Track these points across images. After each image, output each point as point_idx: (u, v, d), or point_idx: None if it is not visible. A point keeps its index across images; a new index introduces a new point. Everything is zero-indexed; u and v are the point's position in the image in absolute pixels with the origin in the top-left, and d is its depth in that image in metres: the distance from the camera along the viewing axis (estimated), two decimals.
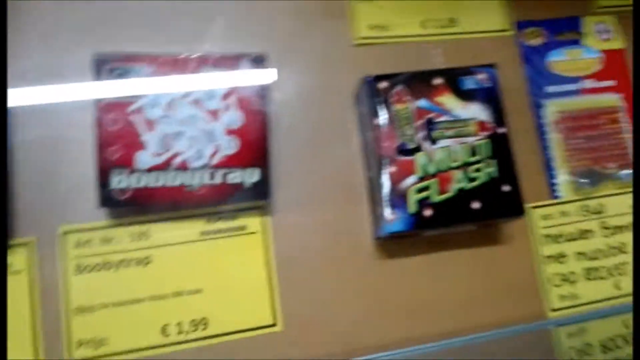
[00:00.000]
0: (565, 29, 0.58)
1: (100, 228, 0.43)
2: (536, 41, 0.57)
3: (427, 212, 0.43)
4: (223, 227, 0.45)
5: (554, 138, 0.54)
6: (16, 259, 0.41)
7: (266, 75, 0.44)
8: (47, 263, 0.42)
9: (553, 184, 0.52)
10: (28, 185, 0.43)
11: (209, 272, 0.44)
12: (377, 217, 0.46)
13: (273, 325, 0.44)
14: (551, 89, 0.56)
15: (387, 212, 0.43)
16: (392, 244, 0.47)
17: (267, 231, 0.46)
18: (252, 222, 0.46)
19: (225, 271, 0.44)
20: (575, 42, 0.57)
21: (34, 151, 0.43)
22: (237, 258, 0.45)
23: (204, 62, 0.43)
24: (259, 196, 0.43)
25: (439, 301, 0.47)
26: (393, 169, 0.44)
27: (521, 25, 0.57)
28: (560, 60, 0.57)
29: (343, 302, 0.46)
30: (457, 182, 0.44)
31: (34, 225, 0.42)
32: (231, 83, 0.43)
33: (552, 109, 0.55)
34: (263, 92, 0.44)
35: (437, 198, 0.44)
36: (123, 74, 0.41)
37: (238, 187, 0.43)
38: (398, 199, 0.43)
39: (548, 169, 0.53)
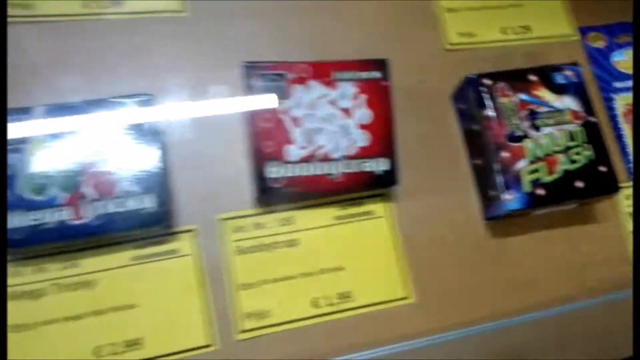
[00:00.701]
0: (621, 33, 0.65)
1: (252, 215, 0.49)
2: (599, 44, 0.64)
3: (540, 192, 0.49)
4: (354, 212, 0.51)
5: (625, 128, 0.60)
6: (182, 245, 0.47)
7: (386, 78, 0.50)
8: (210, 247, 0.47)
9: (629, 168, 0.59)
10: (188, 181, 0.48)
11: (346, 252, 0.49)
12: (489, 199, 0.52)
13: (406, 298, 0.49)
14: (618, 84, 0.62)
15: (505, 193, 0.49)
16: (499, 225, 0.53)
17: (391, 215, 0.51)
18: (378, 208, 0.51)
19: (360, 251, 0.50)
20: (631, 44, 0.64)
21: (192, 152, 0.49)
22: (368, 239, 0.50)
23: (336, 67, 0.49)
24: (388, 183, 0.49)
25: (544, 274, 0.53)
26: (506, 154, 0.50)
27: (584, 31, 0.64)
28: (622, 60, 0.64)
29: (461, 277, 0.51)
30: (562, 164, 0.50)
31: (195, 215, 0.48)
32: (359, 84, 0.49)
33: (620, 103, 0.61)
34: (386, 91, 0.50)
35: (547, 178, 0.50)
36: (272, 78, 0.48)
37: (371, 175, 0.49)
38: (513, 180, 0.49)
39: (624, 154, 0.59)
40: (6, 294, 0.42)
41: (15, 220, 0.42)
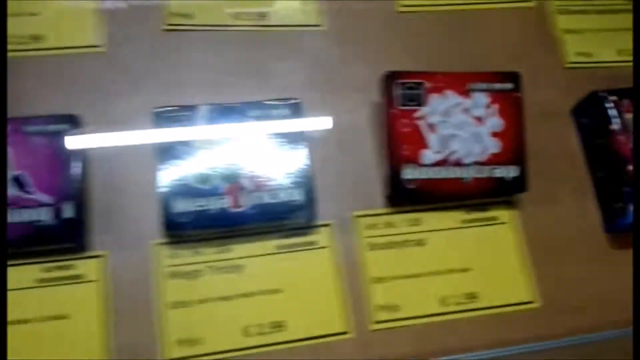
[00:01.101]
0: None
1: (384, 214, 0.52)
2: None
3: None
4: (480, 217, 0.53)
5: None
6: (321, 237, 0.50)
7: (518, 89, 0.53)
8: (345, 241, 0.51)
9: None
10: (327, 181, 0.51)
11: (473, 254, 0.52)
12: (613, 211, 0.53)
13: (531, 302, 0.51)
14: None
15: (631, 205, 0.50)
16: (621, 237, 0.54)
17: (515, 221, 0.53)
18: (503, 214, 0.53)
19: (485, 254, 0.52)
20: None
21: (331, 154, 0.53)
22: (493, 243, 0.52)
23: (470, 78, 0.52)
24: (517, 189, 0.51)
25: None
26: (631, 167, 0.51)
27: None
28: None
29: (584, 285, 0.52)
30: None
31: (332, 211, 0.51)
32: (492, 95, 0.52)
33: None
34: (517, 102, 0.52)
35: None
36: (411, 87, 0.51)
37: (501, 181, 0.51)
38: None
39: None
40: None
41: (182, 205, 0.46)
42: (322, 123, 0.53)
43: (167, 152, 0.47)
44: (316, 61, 0.56)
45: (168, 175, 0.47)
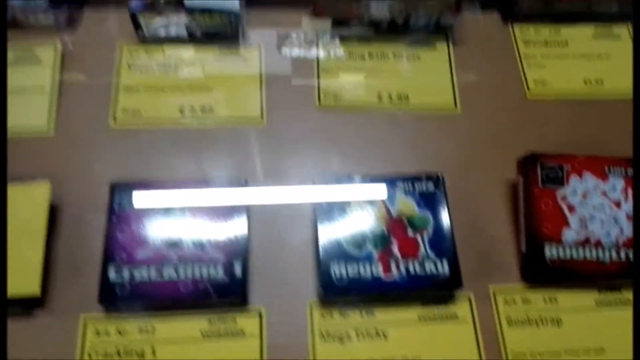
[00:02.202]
0: None
1: (520, 289, 0.53)
2: None
3: None
4: (614, 298, 0.54)
5: None
6: (460, 309, 0.52)
7: None
8: (483, 314, 0.52)
9: None
10: (465, 253, 0.53)
11: (607, 336, 0.52)
12: None
13: None
14: None
15: None
16: None
17: None
18: None
19: (621, 337, 0.52)
20: None
21: (471, 228, 0.55)
22: (628, 326, 0.53)
23: (608, 162, 0.55)
24: None
25: None
26: None
27: None
28: None
29: None
30: None
31: (471, 284, 0.53)
32: (627, 179, 0.54)
33: None
34: None
35: None
36: (552, 168, 0.54)
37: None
38: None
39: None
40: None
41: (338, 269, 0.49)
42: (461, 199, 0.56)
43: (325, 213, 0.51)
44: (455, 142, 0.60)
45: (326, 237, 0.50)
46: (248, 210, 0.51)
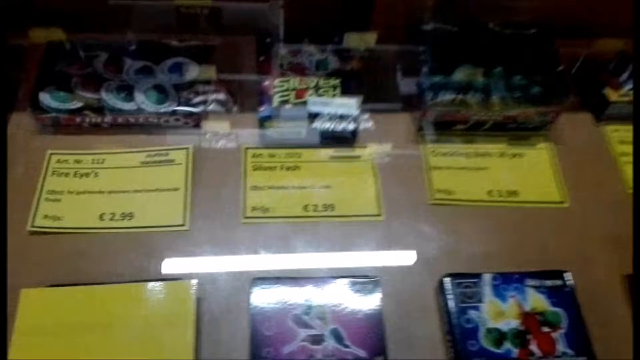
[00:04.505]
0: None
1: None
2: None
3: None
4: None
5: None
6: None
7: None
8: None
9: None
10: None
11: None
12: None
13: None
14: None
15: None
16: None
17: None
18: None
19: None
20: None
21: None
22: None
23: None
24: None
25: None
26: None
27: None
28: None
29: None
30: None
31: None
32: None
33: None
34: None
35: None
36: None
37: None
38: None
39: None
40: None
41: None
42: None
43: (458, 316, 0.53)
44: (567, 236, 0.62)
45: (463, 337, 0.51)
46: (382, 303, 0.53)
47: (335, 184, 0.64)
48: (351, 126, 0.64)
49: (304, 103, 0.64)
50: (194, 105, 0.66)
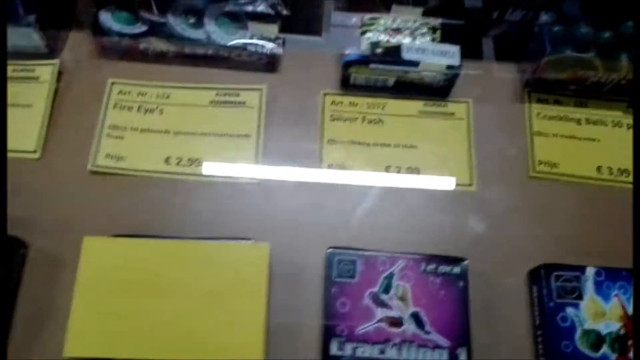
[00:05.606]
0: None
1: None
2: None
3: None
4: None
5: None
6: None
7: None
8: None
9: None
10: None
11: None
12: None
13: None
14: None
15: None
16: None
17: None
18: None
19: None
20: None
21: None
22: None
23: None
24: None
25: None
26: None
27: None
28: None
29: None
30: None
31: None
32: None
33: None
34: None
35: None
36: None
37: None
38: None
39: None
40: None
41: None
42: None
43: (553, 312, 0.47)
44: None
45: (557, 336, 0.47)
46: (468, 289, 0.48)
47: (423, 144, 0.57)
48: (446, 78, 0.56)
49: (397, 48, 0.55)
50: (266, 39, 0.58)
